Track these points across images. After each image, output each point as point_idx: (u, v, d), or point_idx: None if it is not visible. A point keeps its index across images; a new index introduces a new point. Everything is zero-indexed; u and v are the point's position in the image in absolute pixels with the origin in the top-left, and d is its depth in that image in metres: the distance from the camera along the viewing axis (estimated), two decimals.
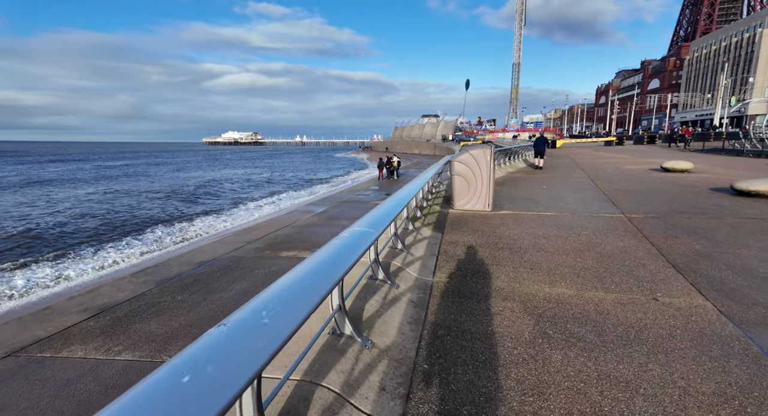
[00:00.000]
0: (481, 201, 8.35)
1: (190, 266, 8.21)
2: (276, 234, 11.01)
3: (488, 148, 8.22)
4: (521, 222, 7.16)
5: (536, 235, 6.17)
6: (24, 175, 44.75)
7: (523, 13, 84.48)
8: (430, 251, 5.14)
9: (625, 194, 10.15)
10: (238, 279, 7.14)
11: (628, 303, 3.55)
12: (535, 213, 7.99)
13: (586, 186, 12.00)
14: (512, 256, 5.05)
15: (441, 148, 57.68)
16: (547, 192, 11.01)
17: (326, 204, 17.18)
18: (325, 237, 10.35)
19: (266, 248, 9.45)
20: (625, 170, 16.20)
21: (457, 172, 8.41)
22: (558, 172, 16.46)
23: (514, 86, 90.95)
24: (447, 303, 3.50)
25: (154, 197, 25.82)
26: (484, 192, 8.31)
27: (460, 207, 8.50)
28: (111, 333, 5.02)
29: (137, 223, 17.14)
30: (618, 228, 6.60)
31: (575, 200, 9.51)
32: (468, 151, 8.34)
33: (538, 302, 3.59)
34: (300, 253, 8.78)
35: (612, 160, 21.47)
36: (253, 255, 8.84)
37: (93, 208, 21.54)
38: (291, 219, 13.27)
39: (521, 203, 9.28)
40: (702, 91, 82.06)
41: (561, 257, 5.00)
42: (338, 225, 11.68)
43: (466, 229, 6.68)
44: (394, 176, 27.35)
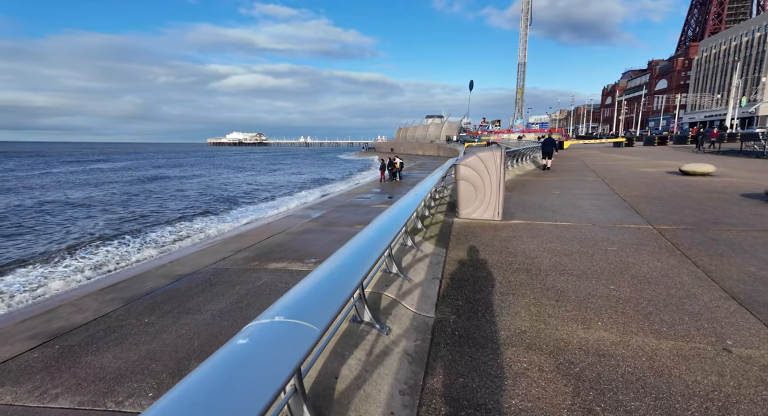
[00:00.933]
0: (490, 209, 7.49)
1: (168, 280, 7.40)
2: (267, 242, 10.19)
3: (498, 151, 7.37)
4: (536, 235, 6.29)
5: (556, 252, 5.30)
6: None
7: (528, 13, 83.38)
8: (432, 273, 4.29)
9: (646, 201, 9.25)
10: (217, 297, 6.31)
11: (692, 355, 2.69)
12: (551, 224, 7.11)
13: (602, 191, 11.10)
14: (531, 281, 4.19)
15: (445, 149, 56.78)
16: (560, 198, 10.12)
17: (324, 208, 16.36)
18: (319, 245, 9.54)
19: (254, 258, 8.63)
20: (641, 173, 15.26)
21: (463, 177, 7.56)
22: (569, 175, 15.55)
23: (520, 87, 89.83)
24: (453, 357, 2.66)
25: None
26: (494, 199, 7.45)
27: (466, 215, 7.65)
28: (54, 370, 4.20)
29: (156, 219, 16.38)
30: (649, 242, 5.71)
31: (593, 208, 8.62)
32: (475, 153, 7.48)
33: (573, 353, 2.74)
34: (289, 265, 7.96)
35: (625, 162, 20.52)
36: (239, 266, 8.03)
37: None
38: (285, 225, 12.46)
39: (534, 211, 8.41)
40: (711, 91, 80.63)
41: (590, 283, 4.13)
42: (335, 232, 10.88)
43: (475, 243, 5.82)
44: (396, 178, 26.51)
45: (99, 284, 7.51)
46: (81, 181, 37.74)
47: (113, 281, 7.50)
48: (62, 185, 34.27)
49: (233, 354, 1.44)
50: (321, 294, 2.13)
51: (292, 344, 1.58)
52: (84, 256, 11.53)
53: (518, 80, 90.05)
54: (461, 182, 7.60)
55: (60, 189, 31.17)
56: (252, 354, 1.47)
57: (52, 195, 27.46)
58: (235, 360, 1.41)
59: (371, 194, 20.33)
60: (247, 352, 1.47)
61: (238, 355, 1.44)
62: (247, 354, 1.45)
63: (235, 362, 1.40)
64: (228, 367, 1.34)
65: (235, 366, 1.38)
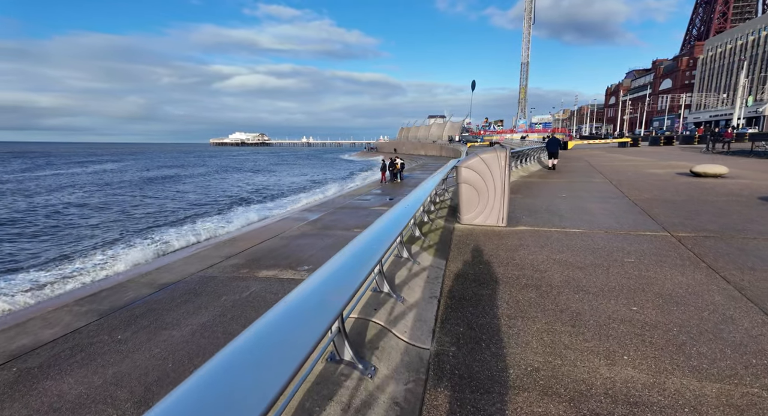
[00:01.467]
0: (494, 214, 6.99)
1: (150, 289, 6.95)
2: (260, 247, 9.74)
3: (502, 152, 6.87)
4: (545, 244, 5.79)
5: (568, 264, 4.80)
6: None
7: (532, 12, 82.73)
8: (430, 291, 3.80)
9: (659, 204, 8.73)
10: (200, 310, 5.85)
11: (746, 406, 2.19)
12: (559, 231, 6.61)
13: (611, 194, 10.58)
14: (542, 300, 3.69)
15: (447, 149, 56.25)
16: (568, 201, 9.60)
17: (323, 210, 15.90)
18: (313, 251, 9.08)
19: (244, 265, 8.18)
20: (650, 175, 14.72)
21: (464, 180, 7.06)
22: (575, 177, 15.02)
23: (523, 86, 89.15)
24: (453, 407, 2.17)
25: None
26: (498, 203, 6.95)
27: (468, 221, 7.15)
28: (5, 398, 3.75)
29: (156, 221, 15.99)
30: (669, 253, 5.20)
31: (603, 212, 8.11)
32: (478, 154, 6.99)
33: (598, 401, 2.25)
34: (281, 272, 7.50)
35: (631, 163, 19.97)
36: (227, 274, 7.58)
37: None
38: (281, 228, 12.01)
39: (541, 216, 7.90)
40: (717, 91, 79.75)
41: (609, 302, 3.63)
42: (330, 237, 10.42)
43: (477, 254, 5.32)
44: (397, 179, 26.03)
45: (77, 294, 7.06)
46: (104, 181, 37.54)
47: (93, 290, 7.05)
48: (97, 184, 34.08)
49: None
50: (290, 328, 1.66)
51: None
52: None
53: (521, 80, 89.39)
54: (463, 185, 7.10)
55: (96, 188, 30.93)
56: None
57: (98, 194, 27.26)
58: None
59: (371, 196, 19.85)
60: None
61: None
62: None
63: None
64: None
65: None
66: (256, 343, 1.55)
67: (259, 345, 1.52)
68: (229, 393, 1.16)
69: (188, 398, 1.14)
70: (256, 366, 1.39)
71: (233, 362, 1.37)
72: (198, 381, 1.21)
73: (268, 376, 1.29)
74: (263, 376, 1.29)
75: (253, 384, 1.25)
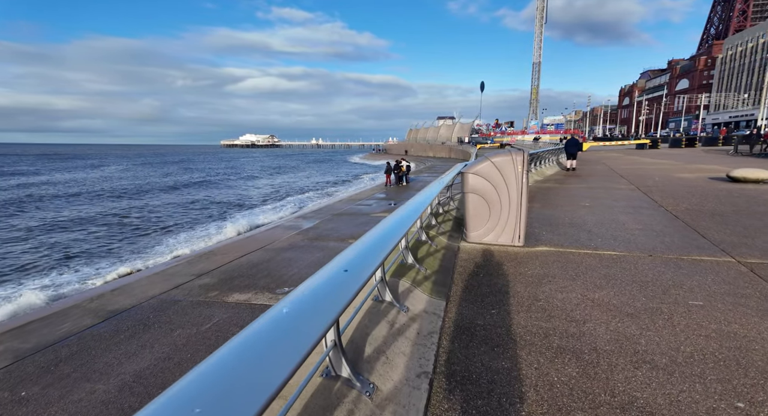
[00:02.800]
0: (508, 231, 5.70)
1: (93, 319, 5.79)
2: (240, 262, 8.60)
3: (519, 155, 5.57)
4: (576, 273, 4.48)
5: (612, 308, 3.51)
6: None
7: (544, 10, 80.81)
8: (419, 363, 2.55)
9: (705, 217, 7.35)
10: (143, 350, 4.67)
11: None
12: (591, 253, 5.29)
13: (641, 202, 9.20)
14: (588, 384, 2.41)
15: (456, 150, 54.84)
16: (593, 212, 8.26)
17: (319, 216, 14.73)
18: (299, 268, 7.90)
19: (215, 286, 7.02)
20: (680, 180, 13.25)
21: (472, 189, 5.78)
22: (596, 182, 13.61)
23: (534, 87, 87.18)
24: None
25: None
26: (513, 218, 5.65)
27: (476, 239, 5.86)
28: None
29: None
30: (746, 289, 3.87)
31: (640, 226, 6.76)
32: (488, 158, 5.70)
33: None
34: (255, 296, 6.33)
35: (655, 167, 18.45)
36: (191, 298, 6.41)
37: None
38: (269, 239, 10.86)
39: (564, 231, 6.58)
40: (737, 90, 77.02)
41: (694, 389, 2.35)
42: (322, 249, 9.24)
43: (488, 290, 4.04)
44: (403, 182, 24.78)
45: (2, 326, 5.93)
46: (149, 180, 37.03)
47: (22, 321, 5.91)
48: (150, 183, 33.52)
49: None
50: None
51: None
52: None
53: (533, 80, 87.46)
54: (470, 196, 5.82)
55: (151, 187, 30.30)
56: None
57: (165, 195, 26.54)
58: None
59: (373, 200, 18.63)
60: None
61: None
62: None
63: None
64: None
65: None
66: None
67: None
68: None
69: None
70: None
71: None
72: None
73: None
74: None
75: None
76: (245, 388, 1.07)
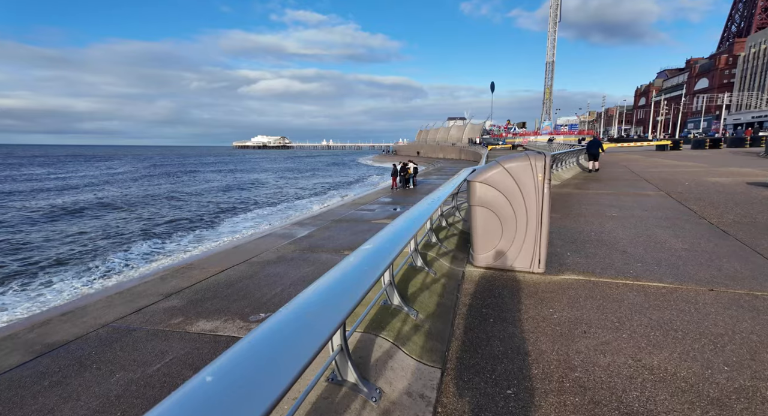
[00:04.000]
0: (526, 254, 4.58)
1: (21, 356, 4.80)
2: (216, 279, 7.59)
3: (539, 159, 4.45)
4: (620, 321, 3.34)
5: (686, 389, 2.38)
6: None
7: (558, 8, 78.89)
8: None
9: (763, 232, 6.12)
10: (62, 405, 3.67)
11: None
12: (632, 284, 4.14)
13: (677, 212, 7.96)
14: None
15: (467, 152, 53.52)
16: (623, 224, 7.07)
17: (317, 222, 13.71)
18: (282, 287, 6.86)
19: (181, 310, 6.02)
20: (714, 185, 11.91)
21: (480, 201, 4.67)
22: (620, 187, 12.34)
23: (548, 86, 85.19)
24: None
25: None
26: (531, 237, 4.53)
27: (485, 262, 4.76)
28: None
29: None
30: None
31: (683, 245, 5.57)
32: (501, 163, 4.58)
33: None
34: (225, 323, 5.31)
35: (682, 170, 17.04)
36: (150, 326, 5.41)
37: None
38: (257, 249, 9.86)
39: (592, 250, 5.43)
40: (761, 89, 74.15)
41: None
42: (313, 263, 8.21)
43: (501, 350, 2.92)
44: (410, 185, 23.67)
45: None
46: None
47: None
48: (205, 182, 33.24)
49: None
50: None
51: None
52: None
53: (546, 79, 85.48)
54: (478, 210, 4.71)
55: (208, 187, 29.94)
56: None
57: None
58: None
59: (377, 205, 17.56)
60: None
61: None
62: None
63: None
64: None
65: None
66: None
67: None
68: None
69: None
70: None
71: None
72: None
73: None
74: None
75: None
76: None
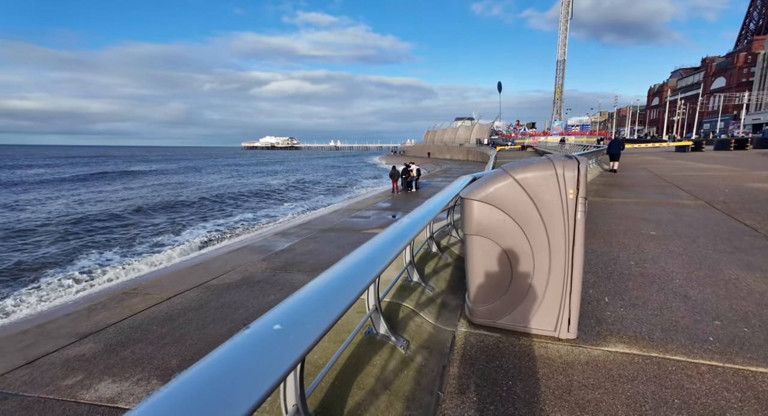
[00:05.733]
0: (548, 307, 3.01)
1: None
2: (154, 311, 6.22)
3: (570, 167, 2.87)
4: None
5: None
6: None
7: (569, 5, 76.64)
8: None
9: None
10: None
11: None
12: (721, 368, 2.55)
13: (731, 229, 6.32)
14: None
15: (475, 152, 51.80)
16: (668, 247, 5.45)
17: (302, 232, 12.23)
18: (229, 326, 5.46)
19: (85, 363, 4.69)
20: (759, 192, 10.18)
21: (478, 228, 3.12)
22: (647, 194, 10.67)
23: (558, 86, 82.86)
24: None
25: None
26: (557, 283, 2.97)
27: (486, 318, 3.20)
28: None
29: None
30: None
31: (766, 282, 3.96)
32: (510, 172, 3.02)
33: None
34: (131, 389, 3.80)
35: (712, 173, 15.26)
36: (31, 393, 4.01)
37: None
38: (220, 268, 8.43)
39: (639, 292, 3.85)
40: None
41: None
42: (282, 287, 6.82)
43: None
44: (412, 188, 22.13)
45: None
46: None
47: None
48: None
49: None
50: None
51: None
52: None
53: (557, 79, 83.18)
54: (476, 241, 3.15)
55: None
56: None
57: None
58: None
59: (373, 211, 16.03)
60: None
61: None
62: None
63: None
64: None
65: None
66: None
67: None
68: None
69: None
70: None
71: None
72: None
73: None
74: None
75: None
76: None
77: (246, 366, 1.14)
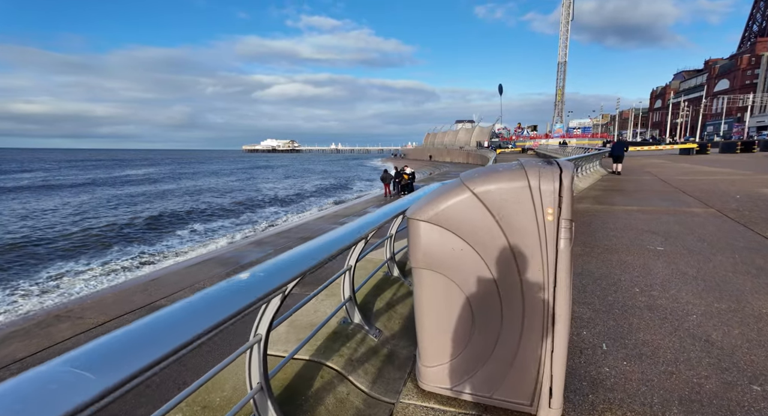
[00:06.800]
0: (521, 370, 2.15)
1: None
2: (77, 341, 5.37)
3: (548, 176, 2.03)
4: None
5: None
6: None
7: (571, 6, 75.86)
8: None
9: None
10: None
11: None
12: None
13: (750, 243, 5.43)
14: None
15: (475, 155, 51.00)
16: (679, 266, 4.57)
17: (280, 241, 11.41)
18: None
19: None
20: None
21: (427, 259, 2.26)
22: (654, 201, 9.78)
23: (560, 88, 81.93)
24: None
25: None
26: (534, 336, 2.11)
27: (439, 385, 2.33)
28: None
29: None
30: None
31: None
32: (466, 183, 2.16)
33: None
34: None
35: (721, 178, 14.36)
36: None
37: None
38: (177, 283, 7.65)
39: (648, 336, 2.96)
40: None
41: None
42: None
43: None
44: (405, 192, 21.24)
45: None
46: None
47: None
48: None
49: None
50: None
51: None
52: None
53: (558, 80, 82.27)
54: (425, 276, 2.30)
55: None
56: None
57: None
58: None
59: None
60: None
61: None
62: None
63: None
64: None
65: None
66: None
67: None
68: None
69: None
70: None
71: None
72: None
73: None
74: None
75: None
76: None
77: None
